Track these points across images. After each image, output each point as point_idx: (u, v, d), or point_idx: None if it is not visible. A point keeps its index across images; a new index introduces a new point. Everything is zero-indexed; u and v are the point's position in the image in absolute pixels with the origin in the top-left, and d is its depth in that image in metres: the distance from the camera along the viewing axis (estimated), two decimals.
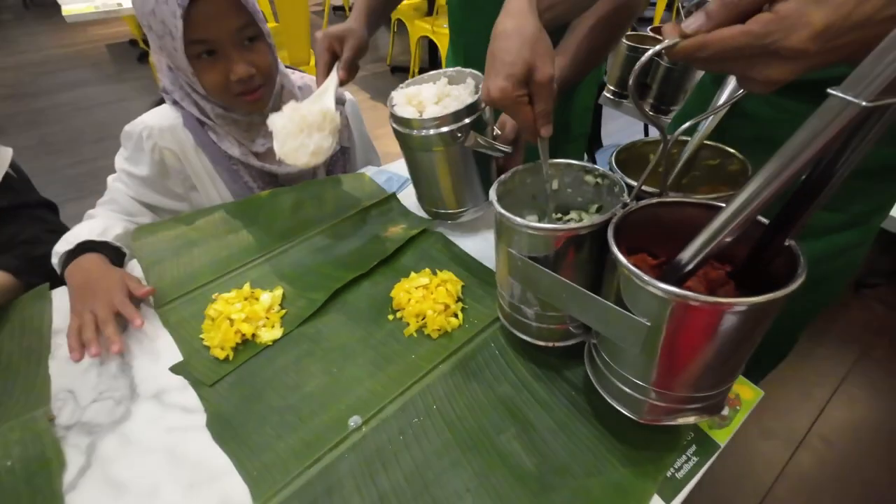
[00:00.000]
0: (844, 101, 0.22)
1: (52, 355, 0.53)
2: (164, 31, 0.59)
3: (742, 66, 0.27)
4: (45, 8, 4.42)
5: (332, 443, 0.44)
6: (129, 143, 0.71)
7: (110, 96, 2.88)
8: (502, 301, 0.50)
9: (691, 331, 0.32)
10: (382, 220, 0.72)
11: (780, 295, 0.29)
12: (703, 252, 0.31)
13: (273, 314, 0.56)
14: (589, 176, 0.47)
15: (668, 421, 0.39)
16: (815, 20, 0.23)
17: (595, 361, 0.43)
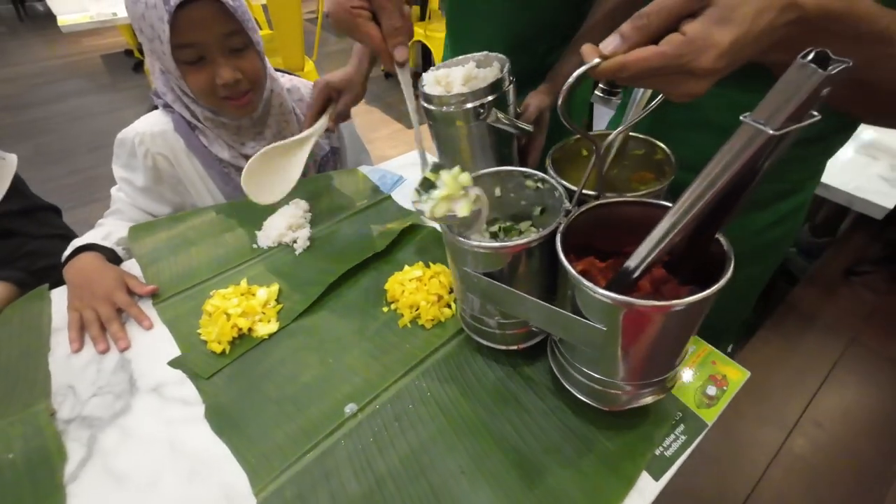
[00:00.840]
0: (755, 128, 0.25)
1: (51, 353, 0.54)
2: (154, 34, 0.60)
3: (660, 83, 0.29)
4: (40, 20, 4.44)
5: (328, 430, 0.45)
6: (122, 151, 0.72)
7: (105, 106, 2.89)
8: (464, 314, 0.51)
9: (641, 331, 0.35)
10: (376, 217, 0.73)
11: (712, 292, 0.31)
12: (649, 258, 0.34)
13: (269, 309, 0.57)
14: (529, 181, 0.48)
15: (627, 406, 0.42)
16: (720, 40, 0.24)
17: (558, 358, 0.45)
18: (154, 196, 0.73)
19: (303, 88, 0.83)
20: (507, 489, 0.40)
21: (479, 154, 0.60)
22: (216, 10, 0.61)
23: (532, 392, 0.48)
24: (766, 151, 0.26)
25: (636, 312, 0.33)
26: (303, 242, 0.67)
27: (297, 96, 0.81)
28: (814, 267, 1.22)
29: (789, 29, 0.25)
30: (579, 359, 0.42)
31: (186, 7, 0.58)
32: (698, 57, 0.25)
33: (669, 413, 0.46)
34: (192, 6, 0.58)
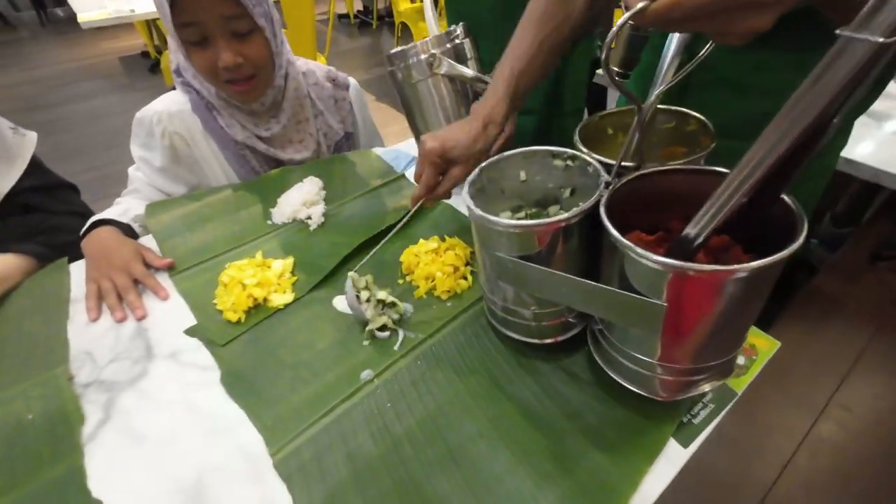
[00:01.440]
0: (858, 40, 0.21)
1: (70, 322, 0.54)
2: (162, 13, 0.60)
3: (719, 22, 0.26)
4: (61, 24, 4.57)
5: (344, 394, 0.45)
6: (140, 130, 0.73)
7: (122, 105, 2.95)
8: (493, 307, 0.47)
9: (706, 302, 0.31)
10: (390, 195, 0.73)
11: (786, 254, 0.28)
12: (713, 223, 0.30)
13: (284, 280, 0.57)
14: (557, 160, 0.45)
15: (682, 395, 0.39)
16: None
17: (601, 345, 0.41)
18: (171, 175, 0.73)
19: (318, 72, 0.83)
20: (528, 453, 0.39)
21: (440, 114, 0.63)
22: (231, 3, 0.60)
23: (552, 359, 0.47)
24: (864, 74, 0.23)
25: (700, 281, 0.29)
26: (317, 218, 0.67)
27: (312, 80, 0.81)
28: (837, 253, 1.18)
29: None
30: (632, 344, 0.37)
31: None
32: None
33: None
34: None
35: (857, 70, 0.22)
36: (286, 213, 0.67)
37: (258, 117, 0.74)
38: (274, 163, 0.79)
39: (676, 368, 0.36)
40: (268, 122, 0.74)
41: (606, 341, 0.41)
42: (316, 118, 0.80)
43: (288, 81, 0.74)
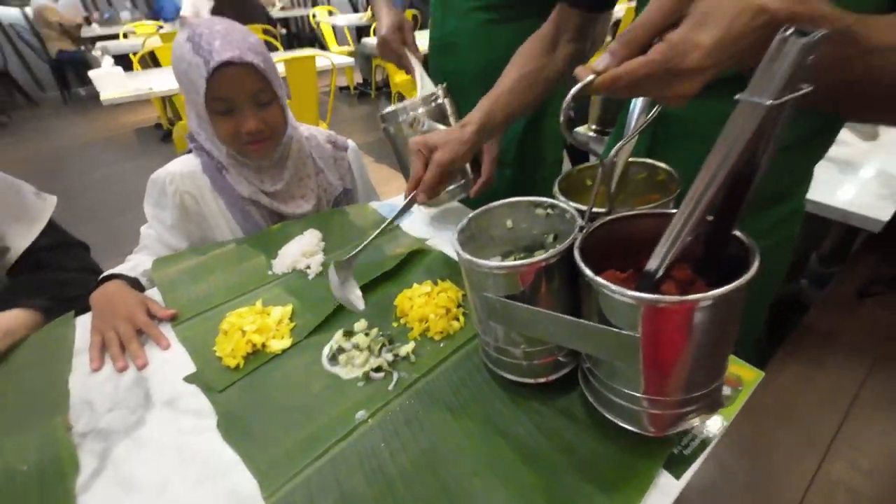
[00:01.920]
0: (752, 103, 0.26)
1: (72, 373, 0.55)
2: (192, 88, 0.69)
3: (654, 89, 0.31)
4: (82, 101, 4.92)
5: (339, 436, 0.45)
6: (153, 190, 0.79)
7: (135, 172, 3.11)
8: (487, 348, 0.49)
9: (673, 332, 0.33)
10: (387, 244, 0.77)
11: (743, 281, 0.31)
12: (668, 256, 0.33)
13: (283, 326, 0.59)
14: (539, 209, 0.49)
15: (673, 429, 0.39)
16: (703, 41, 0.27)
17: (591, 383, 0.43)
18: (180, 231, 0.78)
19: (319, 136, 0.91)
20: (523, 489, 0.39)
21: None
22: (248, 71, 0.69)
23: (544, 396, 0.48)
24: (766, 129, 0.27)
25: (664, 311, 0.32)
26: (315, 268, 0.70)
27: (314, 142, 0.89)
28: (825, 291, 1.21)
29: (764, 31, 0.26)
30: (619, 380, 0.39)
31: (223, 68, 0.66)
32: (684, 59, 0.28)
33: None
34: (228, 67, 0.67)
35: (757, 126, 0.26)
36: (286, 263, 0.71)
37: (264, 173, 0.81)
38: (276, 217, 0.84)
39: (663, 401, 0.37)
40: (273, 177, 0.81)
41: (595, 379, 0.42)
42: (317, 175, 0.87)
43: (291, 143, 0.82)
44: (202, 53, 0.66)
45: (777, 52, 0.25)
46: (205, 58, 0.66)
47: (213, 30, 0.68)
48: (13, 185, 0.70)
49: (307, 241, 0.73)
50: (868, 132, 1.11)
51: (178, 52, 0.69)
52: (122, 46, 3.51)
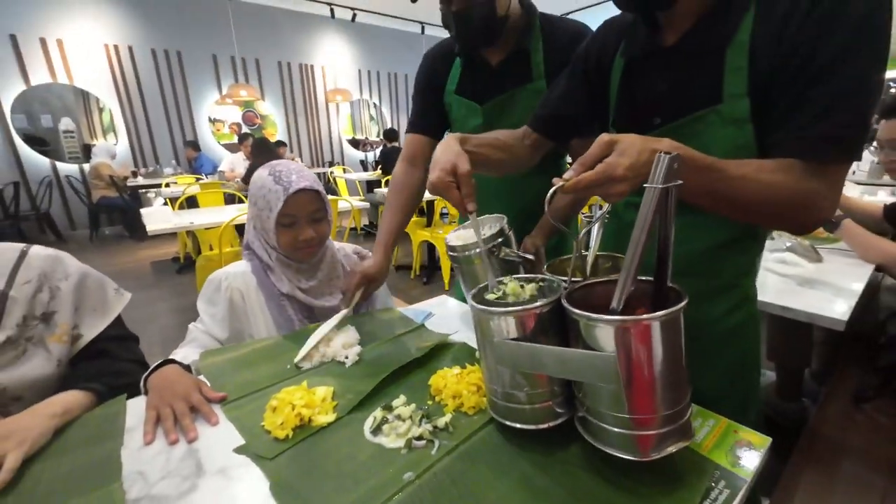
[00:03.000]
0: (651, 188, 0.44)
1: (124, 447, 0.58)
2: (266, 206, 0.89)
3: (600, 189, 0.48)
4: (107, 239, 5.32)
5: (388, 495, 0.48)
6: (209, 288, 0.92)
7: (144, 300, 3.21)
8: (494, 397, 0.56)
9: (641, 344, 0.44)
10: (413, 339, 0.85)
11: (678, 308, 0.44)
12: (623, 295, 0.47)
13: (327, 404, 0.64)
14: (531, 284, 0.61)
15: (657, 453, 0.46)
16: (623, 163, 0.47)
17: (586, 421, 0.50)
18: (226, 324, 0.89)
19: (347, 248, 1.10)
20: None
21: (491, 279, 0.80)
22: (313, 196, 0.91)
23: (578, 453, 0.52)
24: (662, 206, 0.44)
25: (629, 328, 0.44)
26: (353, 357, 0.77)
27: (342, 253, 1.07)
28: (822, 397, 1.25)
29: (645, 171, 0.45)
30: (606, 405, 0.47)
31: (297, 193, 0.88)
32: (615, 170, 0.47)
33: (707, 469, 0.50)
34: (300, 193, 0.88)
35: (656, 203, 0.43)
36: (328, 353, 0.78)
37: (302, 273, 0.96)
38: (307, 310, 0.96)
39: (644, 419, 0.45)
40: (308, 277, 0.97)
41: (587, 410, 0.50)
42: (345, 278, 1.03)
43: (326, 251, 1.00)
44: (282, 183, 0.88)
45: (658, 162, 0.43)
46: (284, 187, 0.87)
47: (290, 168, 0.91)
48: (100, 281, 0.81)
49: (349, 335, 0.82)
50: (812, 256, 1.32)
51: (260, 182, 0.91)
52: (164, 193, 4.03)
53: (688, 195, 0.52)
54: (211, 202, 3.42)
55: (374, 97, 7.81)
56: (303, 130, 7.02)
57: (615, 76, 0.73)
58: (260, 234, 0.94)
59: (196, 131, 6.06)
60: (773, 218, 0.58)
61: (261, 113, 6.61)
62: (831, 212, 0.55)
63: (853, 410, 1.13)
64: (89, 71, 5.19)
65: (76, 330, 0.75)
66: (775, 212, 0.55)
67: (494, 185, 1.04)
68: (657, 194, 0.43)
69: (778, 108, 0.55)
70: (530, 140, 0.83)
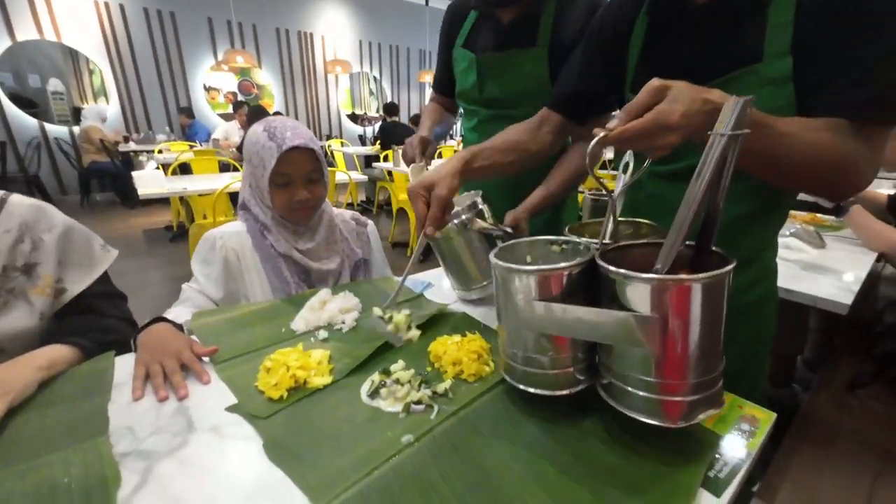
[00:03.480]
0: (718, 134, 0.40)
1: (112, 402, 0.56)
2: (260, 163, 0.85)
3: (647, 141, 0.45)
4: (98, 205, 5.22)
5: (387, 455, 0.46)
6: (203, 247, 0.89)
7: (135, 267, 3.17)
8: (513, 361, 0.53)
9: (681, 307, 0.41)
10: (412, 308, 0.83)
11: (725, 270, 0.41)
12: (670, 257, 0.43)
13: (323, 366, 0.62)
14: (554, 246, 0.60)
15: (684, 421, 0.44)
16: (678, 108, 0.43)
17: (611, 385, 0.48)
18: (220, 283, 0.86)
19: (345, 213, 1.07)
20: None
21: (473, 257, 0.80)
22: (308, 154, 0.87)
23: (580, 423, 0.51)
24: (726, 157, 0.40)
25: (672, 288, 0.41)
26: (350, 323, 0.75)
27: (340, 218, 1.04)
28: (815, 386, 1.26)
29: (708, 114, 0.43)
30: (631, 367, 0.45)
31: (291, 151, 0.83)
32: (668, 118, 0.43)
33: (712, 441, 0.49)
34: (294, 151, 0.84)
35: (721, 151, 0.40)
36: (323, 318, 0.76)
37: (300, 235, 0.93)
38: (303, 273, 0.93)
39: (673, 385, 0.43)
40: (306, 240, 0.94)
41: (613, 375, 0.47)
42: (342, 242, 1.00)
43: (323, 214, 0.97)
44: (276, 139, 0.84)
45: (730, 106, 0.40)
46: (278, 143, 0.83)
47: (285, 124, 0.87)
48: (86, 235, 0.78)
49: (347, 301, 0.80)
50: (816, 242, 1.30)
51: (254, 138, 0.86)
52: (157, 159, 3.92)
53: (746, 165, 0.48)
54: (205, 169, 3.34)
55: (375, 70, 7.61)
56: (300, 102, 6.85)
57: (635, 42, 0.69)
58: (255, 193, 0.90)
59: (190, 98, 5.88)
60: (814, 181, 0.55)
61: (257, 82, 6.42)
62: (871, 178, 0.53)
63: (847, 396, 1.14)
64: (78, 29, 4.99)
65: (60, 284, 0.72)
66: (817, 175, 0.52)
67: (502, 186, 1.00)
68: (723, 143, 0.39)
69: (821, 66, 0.52)
70: (550, 126, 0.80)
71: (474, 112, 1.09)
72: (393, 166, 3.67)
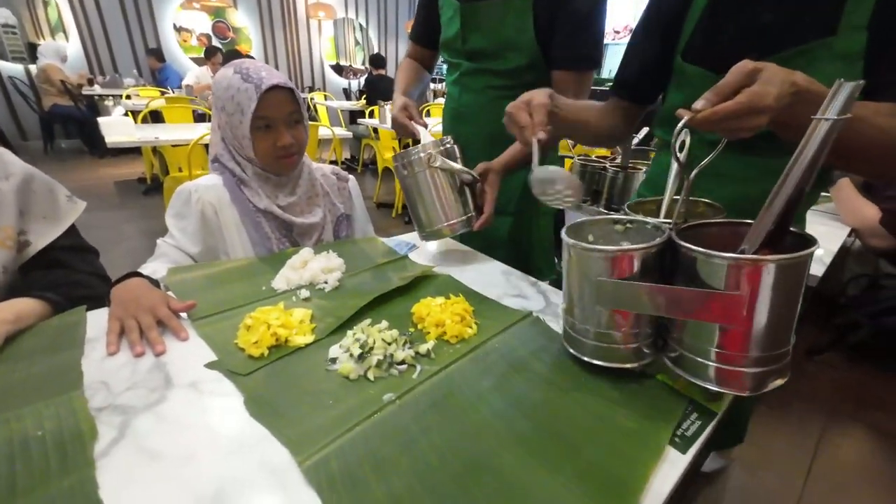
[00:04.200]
0: (823, 119, 0.38)
1: (84, 356, 0.54)
2: (237, 109, 0.79)
3: (735, 124, 0.44)
4: (63, 153, 4.92)
5: (369, 412, 0.47)
6: (178, 201, 0.84)
7: (106, 221, 3.04)
8: (584, 337, 0.54)
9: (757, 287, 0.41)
10: (395, 271, 0.83)
11: (809, 251, 0.41)
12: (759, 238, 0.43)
13: (305, 325, 0.62)
14: (618, 226, 0.59)
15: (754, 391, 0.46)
16: (772, 91, 0.42)
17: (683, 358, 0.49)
18: (196, 238, 0.83)
19: (325, 168, 1.02)
20: (549, 459, 0.42)
21: (437, 196, 0.82)
22: (288, 95, 0.82)
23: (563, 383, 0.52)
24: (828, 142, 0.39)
25: (752, 268, 0.41)
26: (332, 283, 0.74)
27: (320, 172, 1.00)
28: None
29: (794, 95, 0.43)
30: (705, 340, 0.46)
31: (269, 91, 0.78)
32: (762, 100, 0.42)
33: (680, 401, 0.51)
34: (273, 91, 0.79)
35: (825, 134, 0.38)
36: (305, 277, 0.74)
37: (280, 189, 0.89)
38: (285, 228, 0.90)
39: (748, 357, 0.44)
40: (287, 193, 0.90)
41: (684, 347, 0.49)
42: (324, 197, 0.97)
43: (303, 167, 0.93)
44: (252, 81, 0.78)
45: (837, 89, 0.38)
46: (255, 84, 0.78)
47: (257, 65, 0.82)
48: (49, 185, 0.73)
49: (330, 261, 0.78)
50: None
51: (225, 83, 0.80)
52: (125, 105, 3.67)
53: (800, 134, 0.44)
54: (178, 118, 3.15)
55: (361, 17, 7.14)
56: (280, 49, 6.43)
57: (694, 12, 0.66)
58: (231, 145, 0.85)
59: (159, 38, 5.45)
60: (876, 165, 0.55)
61: (233, 24, 5.97)
62: None
63: (805, 362, 1.21)
64: None
65: (24, 236, 0.68)
66: (881, 160, 0.53)
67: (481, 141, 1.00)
68: (828, 127, 0.37)
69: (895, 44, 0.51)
70: (621, 110, 0.78)
71: (457, 65, 1.04)
72: (379, 123, 3.53)
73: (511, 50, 0.94)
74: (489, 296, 0.74)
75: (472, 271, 0.85)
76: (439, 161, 0.79)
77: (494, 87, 0.99)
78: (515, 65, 0.94)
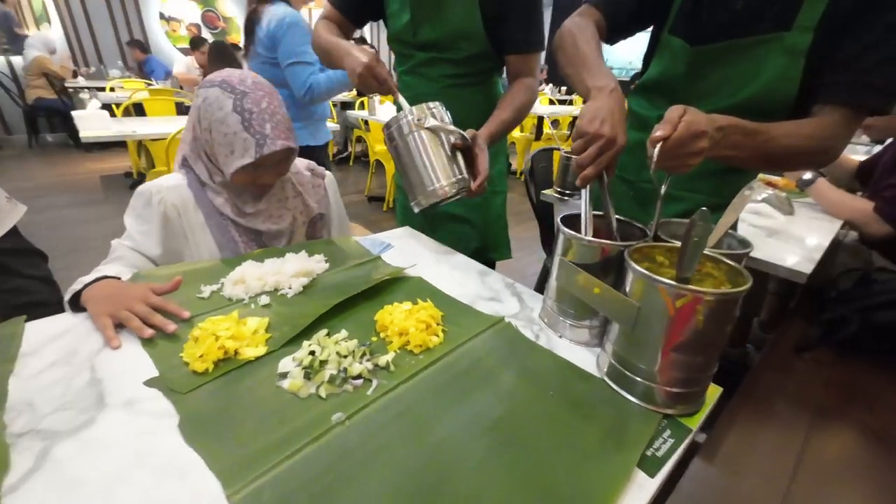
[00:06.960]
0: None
1: (14, 374, 0.50)
2: (228, 149, 0.75)
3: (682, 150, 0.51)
4: (48, 146, 4.82)
5: (313, 435, 0.43)
6: (138, 202, 0.79)
7: (92, 216, 2.99)
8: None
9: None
10: (367, 272, 0.79)
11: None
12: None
13: (258, 336, 0.58)
14: None
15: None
16: (701, 118, 0.51)
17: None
18: (158, 240, 0.77)
19: (299, 164, 0.96)
20: (510, 485, 0.39)
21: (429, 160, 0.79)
22: (288, 153, 0.79)
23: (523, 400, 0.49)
24: None
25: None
26: (296, 288, 0.70)
27: (294, 170, 0.93)
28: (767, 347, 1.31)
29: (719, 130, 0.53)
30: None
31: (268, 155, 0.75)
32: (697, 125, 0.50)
33: (653, 417, 0.48)
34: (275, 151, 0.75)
35: None
36: (269, 282, 0.70)
37: (246, 195, 0.84)
38: (252, 233, 0.85)
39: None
40: (254, 202, 0.85)
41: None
42: (294, 198, 0.91)
43: None
44: (254, 134, 0.73)
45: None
46: (258, 140, 0.73)
47: (261, 108, 0.74)
48: None
49: (308, 263, 0.75)
50: (786, 209, 1.30)
51: (220, 115, 0.74)
52: (109, 97, 3.58)
53: (736, 160, 0.58)
54: (160, 111, 3.07)
55: None
56: None
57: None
58: (206, 153, 0.80)
59: (145, 29, 5.32)
60: (797, 166, 0.66)
61: (224, 14, 5.84)
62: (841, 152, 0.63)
63: (793, 358, 1.18)
64: None
65: None
66: (801, 161, 0.63)
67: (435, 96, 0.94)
68: None
69: (842, 50, 0.58)
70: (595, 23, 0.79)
71: (409, 55, 1.00)
72: (369, 115, 3.46)
73: (462, 39, 0.93)
74: (462, 299, 0.71)
75: (447, 272, 0.81)
76: (430, 121, 0.76)
77: (449, 76, 0.98)
78: (468, 53, 0.94)
